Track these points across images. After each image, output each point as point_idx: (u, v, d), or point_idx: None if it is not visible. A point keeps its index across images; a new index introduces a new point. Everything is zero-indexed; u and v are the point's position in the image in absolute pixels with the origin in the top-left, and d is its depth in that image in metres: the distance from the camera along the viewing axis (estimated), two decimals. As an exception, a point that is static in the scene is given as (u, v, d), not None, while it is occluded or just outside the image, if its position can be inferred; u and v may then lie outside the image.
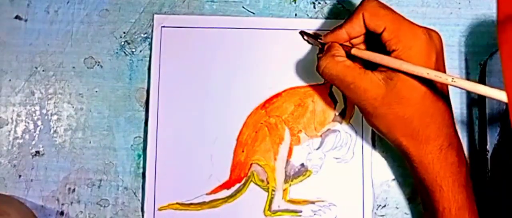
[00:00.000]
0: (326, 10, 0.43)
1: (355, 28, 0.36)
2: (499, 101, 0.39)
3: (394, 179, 0.42)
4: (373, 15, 0.35)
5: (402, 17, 0.35)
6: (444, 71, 0.36)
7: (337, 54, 0.36)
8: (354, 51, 0.36)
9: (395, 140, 0.36)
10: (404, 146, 0.35)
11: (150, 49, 0.43)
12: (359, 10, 0.36)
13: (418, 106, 0.34)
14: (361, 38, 0.38)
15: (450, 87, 0.36)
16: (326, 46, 0.38)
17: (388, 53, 0.35)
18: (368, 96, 0.34)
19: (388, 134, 0.36)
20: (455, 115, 0.37)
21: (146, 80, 0.43)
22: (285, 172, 0.41)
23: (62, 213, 0.42)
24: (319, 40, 0.40)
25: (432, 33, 0.35)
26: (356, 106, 0.41)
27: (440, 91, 0.35)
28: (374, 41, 0.37)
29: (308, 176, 0.41)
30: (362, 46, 0.38)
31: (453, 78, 0.32)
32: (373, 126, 0.36)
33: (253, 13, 0.43)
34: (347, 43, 0.38)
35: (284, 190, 0.41)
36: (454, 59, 0.43)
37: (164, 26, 0.43)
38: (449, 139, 0.35)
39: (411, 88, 0.34)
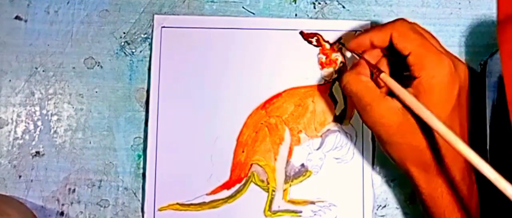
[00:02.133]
0: (326, 10, 0.43)
1: (379, 41, 0.36)
2: (499, 97, 0.39)
3: (394, 179, 0.42)
4: (402, 36, 0.34)
5: (431, 44, 0.34)
6: (467, 106, 0.35)
7: (363, 72, 0.36)
8: (383, 76, 0.35)
9: (406, 170, 0.35)
10: (415, 177, 0.35)
11: (150, 49, 0.43)
12: (389, 28, 0.35)
13: (433, 138, 0.33)
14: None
15: (469, 120, 0.36)
16: (353, 62, 0.38)
17: (411, 78, 0.34)
18: (383, 122, 0.34)
19: (400, 162, 0.35)
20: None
21: (146, 81, 0.43)
22: (285, 172, 0.41)
23: (62, 213, 0.42)
24: (345, 47, 0.40)
25: (459, 64, 0.35)
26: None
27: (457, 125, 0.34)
28: (395, 54, 0.36)
29: (308, 176, 0.41)
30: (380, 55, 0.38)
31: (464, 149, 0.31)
32: (386, 153, 0.36)
33: (253, 13, 0.43)
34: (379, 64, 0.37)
35: (284, 190, 0.41)
36: (454, 60, 0.43)
37: (164, 27, 0.43)
38: (461, 173, 0.34)
39: None
